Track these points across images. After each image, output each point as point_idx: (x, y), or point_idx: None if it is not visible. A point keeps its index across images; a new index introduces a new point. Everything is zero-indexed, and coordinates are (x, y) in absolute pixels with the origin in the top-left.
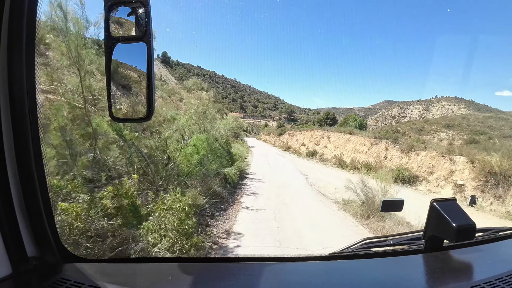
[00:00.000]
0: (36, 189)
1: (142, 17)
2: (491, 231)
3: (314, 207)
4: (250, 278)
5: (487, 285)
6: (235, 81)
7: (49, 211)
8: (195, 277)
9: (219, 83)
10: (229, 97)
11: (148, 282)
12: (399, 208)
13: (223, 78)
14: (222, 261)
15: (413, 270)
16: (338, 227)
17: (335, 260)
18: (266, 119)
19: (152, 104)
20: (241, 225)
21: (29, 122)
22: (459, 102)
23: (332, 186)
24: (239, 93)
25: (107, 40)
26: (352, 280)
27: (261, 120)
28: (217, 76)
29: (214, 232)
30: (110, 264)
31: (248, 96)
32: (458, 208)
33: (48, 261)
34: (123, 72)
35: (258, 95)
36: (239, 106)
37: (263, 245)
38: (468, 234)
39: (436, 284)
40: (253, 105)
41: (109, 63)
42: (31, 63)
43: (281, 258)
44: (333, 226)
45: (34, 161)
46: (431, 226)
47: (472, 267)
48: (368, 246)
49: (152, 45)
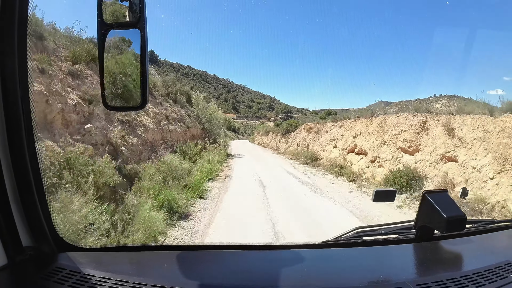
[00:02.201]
0: (30, 178)
1: (136, 3)
2: (481, 223)
3: None
4: (243, 266)
5: (476, 275)
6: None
7: (44, 201)
8: (190, 265)
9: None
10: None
11: (143, 270)
12: (391, 198)
13: (214, 78)
14: (216, 248)
15: (403, 259)
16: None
17: (328, 248)
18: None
19: (146, 92)
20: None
21: (22, 113)
22: (458, 100)
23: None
24: (232, 93)
25: (100, 27)
26: (344, 267)
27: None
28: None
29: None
30: (106, 252)
31: (241, 96)
32: (449, 199)
33: (44, 251)
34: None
35: (252, 95)
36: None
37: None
38: (458, 225)
39: (426, 273)
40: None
41: (102, 50)
42: (23, 55)
43: (274, 246)
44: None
45: (28, 151)
46: (422, 217)
47: (461, 257)
48: (360, 235)
49: (146, 32)
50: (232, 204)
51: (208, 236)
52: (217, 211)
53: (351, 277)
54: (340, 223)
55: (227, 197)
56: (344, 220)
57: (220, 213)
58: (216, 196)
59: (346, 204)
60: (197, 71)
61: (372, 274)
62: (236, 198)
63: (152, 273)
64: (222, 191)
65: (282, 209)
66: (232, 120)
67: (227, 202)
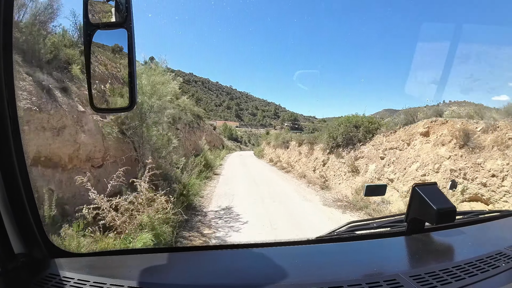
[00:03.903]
0: (19, 184)
1: (122, 3)
2: (471, 214)
3: None
4: (238, 264)
5: (468, 265)
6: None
7: (34, 206)
8: (184, 266)
9: (213, 90)
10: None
11: (137, 273)
12: (382, 192)
13: (217, 85)
14: (211, 249)
15: (396, 252)
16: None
17: (321, 244)
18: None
19: (135, 93)
20: None
21: (8, 119)
22: (470, 106)
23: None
24: (235, 100)
25: (86, 27)
26: (338, 262)
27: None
28: (210, 83)
29: None
30: (98, 257)
31: (245, 103)
32: (439, 192)
33: (36, 257)
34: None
35: (256, 102)
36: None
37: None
38: (448, 217)
39: (419, 264)
40: (250, 113)
41: (89, 51)
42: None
43: (269, 243)
44: None
45: (16, 156)
46: (413, 210)
47: (452, 248)
48: (353, 229)
49: (133, 32)
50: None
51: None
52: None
53: (345, 271)
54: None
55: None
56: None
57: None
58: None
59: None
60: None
61: (365, 267)
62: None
63: (146, 276)
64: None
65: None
66: (235, 128)
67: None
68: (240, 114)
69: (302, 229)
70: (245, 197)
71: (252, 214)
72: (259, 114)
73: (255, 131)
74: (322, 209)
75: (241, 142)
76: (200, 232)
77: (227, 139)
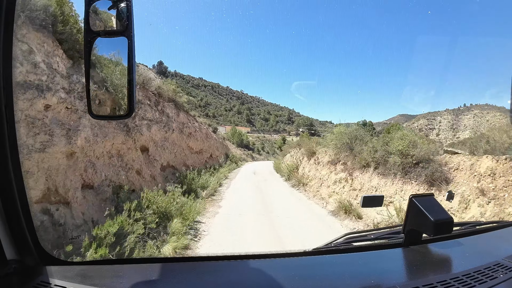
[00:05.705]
0: (13, 191)
1: (124, 11)
2: (468, 225)
3: None
4: (235, 275)
5: (465, 277)
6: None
7: (27, 213)
8: (179, 277)
9: (223, 94)
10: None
11: (129, 284)
12: (379, 203)
13: (227, 90)
14: (207, 259)
15: (393, 264)
16: None
17: (318, 255)
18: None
19: (133, 101)
20: None
21: (5, 120)
22: (493, 110)
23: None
24: (246, 104)
25: (87, 34)
26: (335, 274)
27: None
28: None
29: None
30: (91, 266)
31: (257, 108)
32: (436, 203)
33: (28, 264)
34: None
35: (268, 107)
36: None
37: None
38: (445, 228)
39: (416, 276)
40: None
41: (89, 58)
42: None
43: (266, 255)
44: None
45: (11, 162)
46: (410, 221)
47: (450, 260)
48: (350, 240)
49: (134, 40)
50: None
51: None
52: None
53: (343, 283)
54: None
55: None
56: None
57: None
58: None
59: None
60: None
61: (363, 279)
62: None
63: (139, 287)
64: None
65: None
66: (246, 134)
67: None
68: (252, 119)
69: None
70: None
71: None
72: (271, 119)
73: (268, 137)
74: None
75: (253, 150)
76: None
77: (236, 146)
